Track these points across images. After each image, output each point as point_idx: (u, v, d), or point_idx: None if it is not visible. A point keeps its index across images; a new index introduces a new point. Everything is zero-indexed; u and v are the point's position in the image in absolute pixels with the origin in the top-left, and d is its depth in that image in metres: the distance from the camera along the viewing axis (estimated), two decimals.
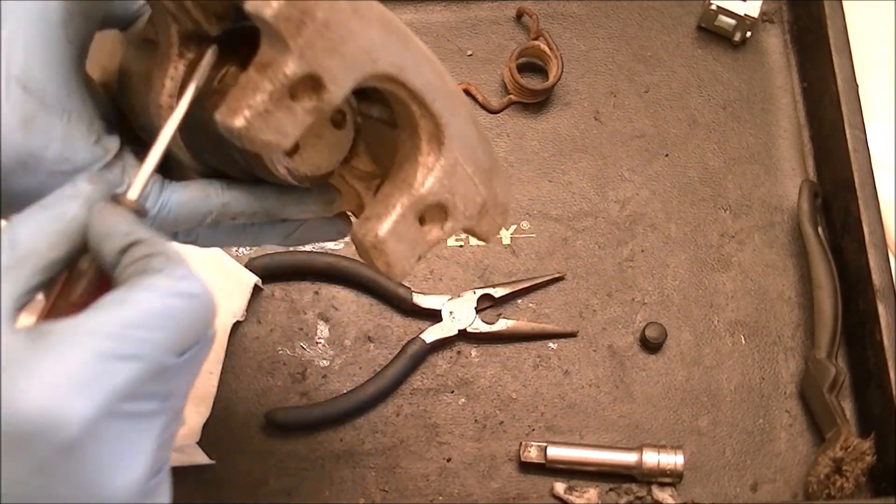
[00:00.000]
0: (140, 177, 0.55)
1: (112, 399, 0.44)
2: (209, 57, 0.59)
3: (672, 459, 0.89)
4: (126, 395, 0.44)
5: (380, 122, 0.63)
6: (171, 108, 0.59)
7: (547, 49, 1.02)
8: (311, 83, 0.54)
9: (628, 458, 0.89)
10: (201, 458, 0.86)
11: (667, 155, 1.02)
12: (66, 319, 0.45)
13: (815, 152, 1.02)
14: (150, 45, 0.61)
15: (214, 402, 0.88)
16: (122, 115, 0.64)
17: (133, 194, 0.54)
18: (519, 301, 0.96)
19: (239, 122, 0.53)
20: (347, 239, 0.68)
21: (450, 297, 0.94)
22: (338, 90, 0.55)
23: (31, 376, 0.42)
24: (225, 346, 0.89)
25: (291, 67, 0.53)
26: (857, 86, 0.98)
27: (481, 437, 0.91)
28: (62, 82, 0.56)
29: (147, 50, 0.61)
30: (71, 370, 0.43)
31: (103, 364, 0.44)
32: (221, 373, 0.89)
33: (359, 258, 0.62)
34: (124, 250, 0.49)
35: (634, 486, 0.89)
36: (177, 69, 0.59)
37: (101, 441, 0.43)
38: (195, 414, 0.85)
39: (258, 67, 0.53)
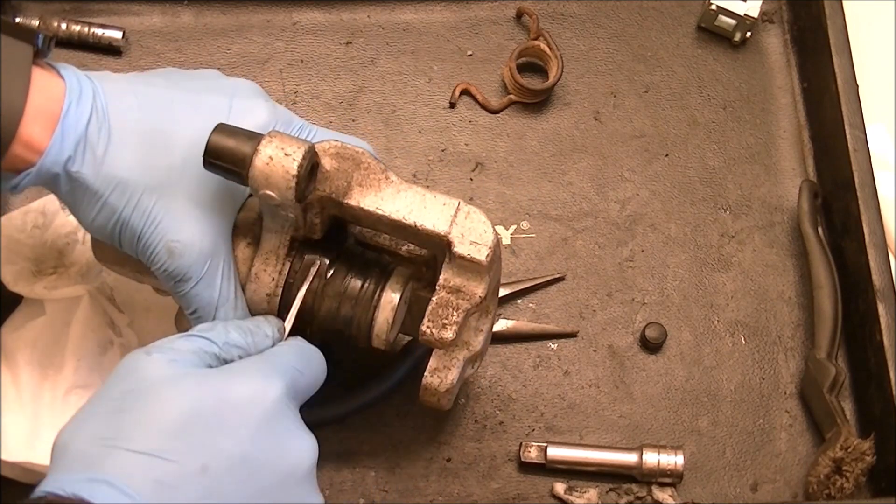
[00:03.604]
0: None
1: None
2: (318, 266, 0.75)
3: (672, 459, 0.89)
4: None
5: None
6: (277, 297, 0.75)
7: (547, 49, 1.02)
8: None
9: (628, 458, 0.89)
10: None
11: (667, 155, 1.02)
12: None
13: (815, 152, 1.02)
14: (246, 235, 0.76)
15: None
16: None
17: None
18: (519, 301, 0.96)
19: (449, 335, 0.73)
20: None
21: None
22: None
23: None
24: None
25: (482, 292, 0.73)
26: (857, 86, 0.98)
27: (481, 437, 0.91)
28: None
29: (246, 239, 0.76)
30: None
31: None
32: None
33: None
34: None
35: (634, 487, 0.89)
36: (284, 267, 0.74)
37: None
38: None
39: (450, 291, 0.73)
